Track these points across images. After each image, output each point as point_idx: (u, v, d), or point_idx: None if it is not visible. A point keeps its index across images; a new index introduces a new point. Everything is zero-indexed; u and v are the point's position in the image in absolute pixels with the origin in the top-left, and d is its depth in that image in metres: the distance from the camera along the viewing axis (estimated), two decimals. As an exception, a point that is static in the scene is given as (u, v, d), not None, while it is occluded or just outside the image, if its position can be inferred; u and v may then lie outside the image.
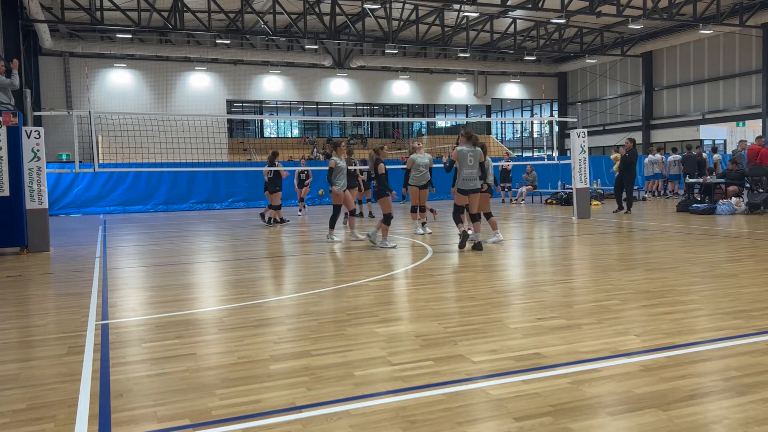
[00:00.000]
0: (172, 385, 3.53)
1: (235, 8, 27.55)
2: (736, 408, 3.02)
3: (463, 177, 9.01)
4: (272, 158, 14.92)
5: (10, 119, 10.07)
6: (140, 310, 5.64)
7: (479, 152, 9.06)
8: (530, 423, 2.89)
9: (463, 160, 8.97)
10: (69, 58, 32.22)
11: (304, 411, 3.11)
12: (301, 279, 7.25)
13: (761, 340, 4.14)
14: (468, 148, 9.03)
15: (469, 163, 8.97)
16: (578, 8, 27.15)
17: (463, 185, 9.03)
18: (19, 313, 5.75)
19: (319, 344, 4.29)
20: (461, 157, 8.98)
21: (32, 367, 3.98)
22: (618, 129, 38.55)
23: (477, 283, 6.57)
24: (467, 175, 8.99)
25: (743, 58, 32.02)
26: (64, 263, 9.04)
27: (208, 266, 8.65)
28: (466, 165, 8.98)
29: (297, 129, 40.22)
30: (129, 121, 17.24)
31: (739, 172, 15.76)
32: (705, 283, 6.16)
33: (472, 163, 8.99)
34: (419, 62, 37.95)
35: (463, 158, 8.97)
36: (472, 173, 9.01)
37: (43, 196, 10.45)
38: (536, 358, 3.85)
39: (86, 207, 21.03)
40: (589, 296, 5.70)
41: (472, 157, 8.98)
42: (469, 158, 8.96)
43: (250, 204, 22.76)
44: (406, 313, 5.22)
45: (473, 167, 9.00)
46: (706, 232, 10.93)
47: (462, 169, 9.01)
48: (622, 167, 15.69)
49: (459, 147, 9.09)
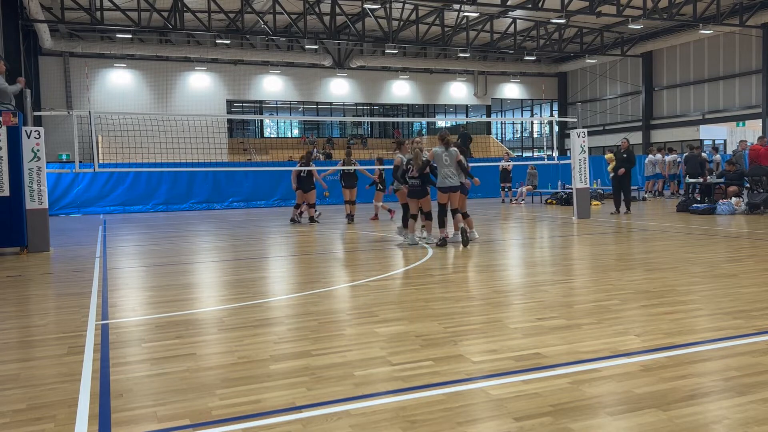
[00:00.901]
0: (172, 385, 3.53)
1: (235, 8, 27.55)
2: (736, 408, 3.02)
3: (441, 175, 9.73)
4: (308, 158, 15.06)
5: (10, 119, 10.07)
6: (140, 310, 5.64)
7: (454, 153, 9.71)
8: (530, 423, 2.89)
9: (439, 160, 9.71)
10: (69, 58, 32.21)
11: (304, 411, 3.10)
12: (301, 279, 7.25)
13: (761, 340, 4.14)
14: (441, 149, 9.74)
15: (444, 162, 9.68)
16: (578, 8, 27.15)
17: (440, 183, 9.72)
18: (19, 313, 5.75)
19: (319, 344, 4.29)
20: (437, 157, 9.73)
21: (32, 367, 3.98)
22: (618, 129, 38.56)
23: (477, 283, 6.57)
24: (444, 173, 9.70)
25: (743, 58, 32.02)
26: (64, 263, 9.04)
27: (208, 266, 8.65)
28: (442, 164, 9.70)
29: (297, 129, 40.21)
30: (129, 121, 17.24)
31: (738, 172, 15.76)
32: (705, 283, 6.16)
33: (448, 162, 9.69)
34: (419, 62, 37.95)
35: (438, 158, 9.71)
36: (448, 172, 9.67)
37: (43, 196, 10.45)
38: (536, 358, 3.85)
39: (86, 207, 21.03)
40: (589, 296, 5.70)
41: (447, 157, 9.69)
42: (444, 158, 9.68)
43: (250, 204, 22.77)
44: (406, 313, 5.22)
45: (450, 165, 9.68)
46: (706, 232, 10.93)
47: (440, 169, 9.72)
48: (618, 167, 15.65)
49: (434, 148, 9.85)
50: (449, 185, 9.69)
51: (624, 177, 15.40)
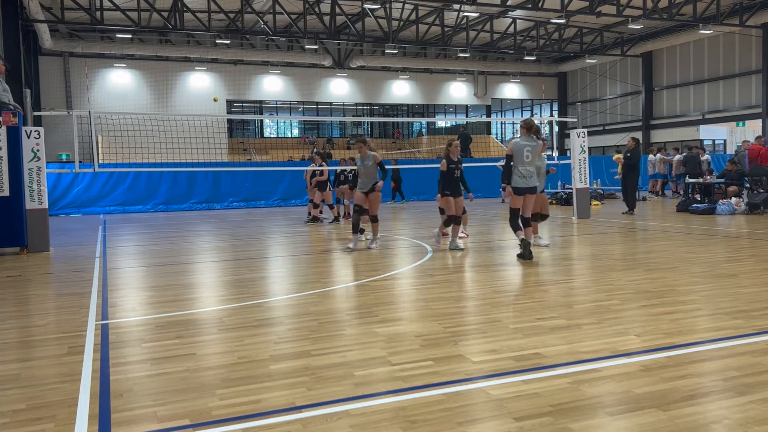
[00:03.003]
0: (172, 385, 3.53)
1: (235, 8, 27.54)
2: (736, 408, 3.02)
3: (517, 174, 8.10)
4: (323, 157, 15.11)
5: (10, 119, 10.07)
6: (140, 310, 5.64)
7: (539, 146, 8.29)
8: (530, 423, 2.89)
9: (519, 154, 8.10)
10: (69, 58, 32.20)
11: (304, 411, 3.11)
12: (301, 279, 7.25)
13: (761, 340, 4.14)
14: (526, 141, 8.18)
15: (525, 158, 8.10)
16: (578, 8, 27.14)
17: (517, 183, 8.11)
18: (19, 313, 5.75)
19: (319, 344, 4.29)
20: (517, 150, 8.10)
21: (32, 367, 3.98)
22: (618, 129, 38.55)
23: (477, 283, 6.57)
24: (521, 171, 8.08)
25: (743, 58, 32.02)
26: (64, 263, 9.04)
27: (208, 266, 8.65)
28: (521, 160, 8.10)
29: (297, 129, 40.20)
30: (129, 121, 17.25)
31: (738, 172, 15.76)
32: (705, 283, 6.16)
33: (529, 159, 8.11)
34: (419, 62, 37.94)
35: (518, 153, 8.10)
36: (526, 170, 8.11)
37: (43, 196, 10.44)
38: (536, 358, 3.85)
39: (86, 207, 21.02)
40: (589, 296, 5.70)
41: (529, 152, 8.11)
42: (526, 153, 8.10)
43: (250, 204, 22.76)
44: (406, 313, 5.22)
45: (530, 163, 8.13)
46: (706, 232, 10.93)
47: (517, 166, 8.10)
48: (626, 168, 15.68)
49: (515, 139, 8.25)
50: (527, 186, 8.10)
51: (627, 177, 15.41)
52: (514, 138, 8.30)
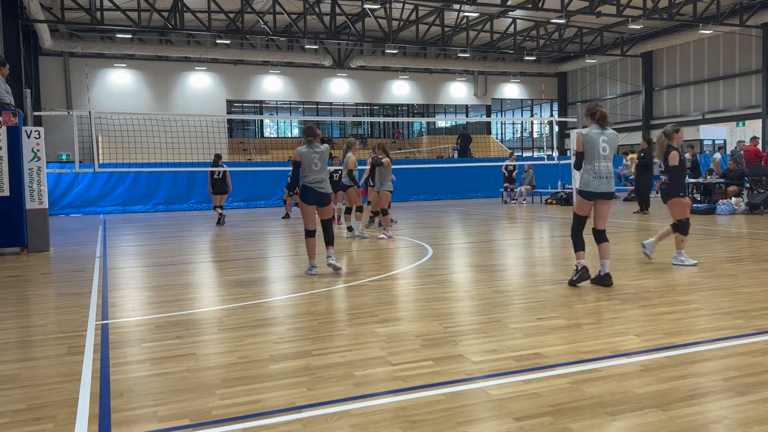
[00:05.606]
0: (172, 385, 3.53)
1: (235, 8, 27.53)
2: (736, 408, 3.02)
3: (593, 173, 6.04)
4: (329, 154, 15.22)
5: (10, 119, 10.07)
6: (140, 310, 5.64)
7: (616, 136, 6.20)
8: (530, 423, 2.89)
9: (592, 147, 6.02)
10: (69, 58, 32.20)
11: (304, 411, 3.10)
12: (301, 279, 7.24)
13: (761, 340, 4.14)
14: (598, 130, 6.09)
15: (602, 151, 6.01)
16: (578, 8, 27.13)
17: (589, 185, 6.05)
18: (19, 313, 5.75)
19: (319, 344, 4.29)
20: (589, 143, 6.03)
21: (32, 367, 3.98)
22: (618, 129, 37.95)
23: (477, 283, 6.57)
24: (598, 170, 6.02)
25: (743, 58, 32.01)
26: (64, 263, 9.04)
27: (208, 266, 8.65)
28: (596, 155, 6.01)
29: (297, 129, 40.19)
30: (129, 121, 17.25)
31: (739, 172, 15.76)
32: (705, 283, 6.16)
33: (607, 152, 6.04)
34: (419, 62, 37.93)
35: (591, 145, 6.02)
36: (608, 167, 6.05)
37: (43, 196, 10.45)
38: (536, 358, 3.85)
39: (86, 207, 21.02)
40: (589, 296, 5.70)
41: (606, 144, 6.04)
42: (602, 144, 6.02)
43: (250, 204, 22.75)
44: (406, 313, 5.22)
45: (608, 158, 6.06)
46: (706, 232, 10.93)
47: (592, 162, 6.04)
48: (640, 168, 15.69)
49: (584, 130, 6.15)
50: (601, 190, 6.03)
51: (641, 176, 15.43)
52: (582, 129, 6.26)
